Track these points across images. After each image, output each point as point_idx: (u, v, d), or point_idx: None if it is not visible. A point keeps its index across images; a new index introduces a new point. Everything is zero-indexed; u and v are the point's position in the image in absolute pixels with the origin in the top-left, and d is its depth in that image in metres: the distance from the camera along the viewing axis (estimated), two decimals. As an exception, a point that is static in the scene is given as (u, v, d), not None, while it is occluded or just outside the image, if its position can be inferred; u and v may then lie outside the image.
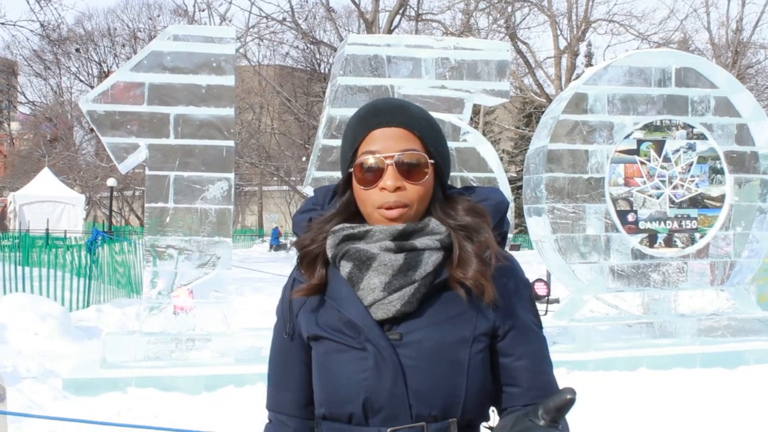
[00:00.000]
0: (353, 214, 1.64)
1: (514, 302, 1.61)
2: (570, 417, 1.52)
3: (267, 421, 1.77)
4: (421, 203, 1.59)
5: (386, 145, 1.56)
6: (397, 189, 1.54)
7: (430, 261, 1.55)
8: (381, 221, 1.57)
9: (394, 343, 1.53)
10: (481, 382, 1.56)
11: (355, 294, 1.57)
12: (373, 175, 1.56)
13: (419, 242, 1.56)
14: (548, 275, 12.59)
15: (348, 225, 1.61)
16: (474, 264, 1.54)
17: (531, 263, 19.20)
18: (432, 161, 1.59)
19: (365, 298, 1.55)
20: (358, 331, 1.55)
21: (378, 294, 1.54)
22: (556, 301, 11.88)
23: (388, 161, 1.55)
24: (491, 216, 1.63)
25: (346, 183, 1.63)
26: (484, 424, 1.62)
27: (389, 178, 1.54)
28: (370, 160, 1.56)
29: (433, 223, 1.59)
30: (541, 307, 10.01)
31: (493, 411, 1.65)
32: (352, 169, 1.60)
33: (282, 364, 1.73)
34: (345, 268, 1.58)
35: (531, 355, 1.60)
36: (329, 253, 1.61)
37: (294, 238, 1.82)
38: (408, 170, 1.55)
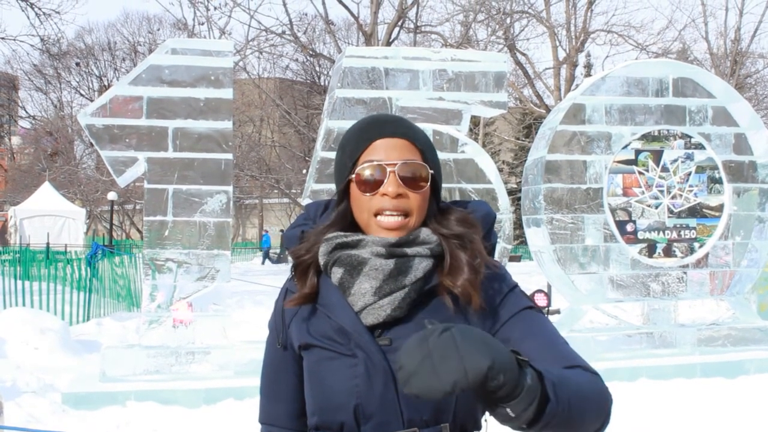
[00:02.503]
0: (349, 225, 1.65)
1: (505, 301, 1.61)
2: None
3: None
4: (420, 214, 1.61)
5: (389, 154, 1.59)
6: (399, 196, 1.56)
7: (420, 267, 1.57)
8: (378, 232, 1.58)
9: (384, 348, 1.54)
10: None
11: (345, 300, 1.58)
12: (375, 182, 1.58)
13: (410, 250, 1.58)
14: (548, 286, 12.59)
15: (341, 234, 1.62)
16: (465, 272, 1.56)
17: (531, 274, 19.22)
18: (432, 172, 1.62)
19: (356, 303, 1.56)
20: (348, 337, 1.56)
21: (368, 299, 1.55)
22: (557, 311, 11.88)
23: (390, 169, 1.57)
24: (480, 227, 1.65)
25: (343, 193, 1.64)
26: (475, 433, 1.62)
27: (391, 185, 1.56)
28: (373, 167, 1.58)
29: (424, 233, 1.60)
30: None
31: (486, 420, 1.65)
32: (351, 178, 1.61)
33: (274, 376, 1.74)
34: (336, 274, 1.59)
35: (535, 332, 1.55)
36: (321, 261, 1.62)
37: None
38: (409, 179, 1.58)
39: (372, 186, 1.58)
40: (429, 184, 1.61)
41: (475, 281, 1.55)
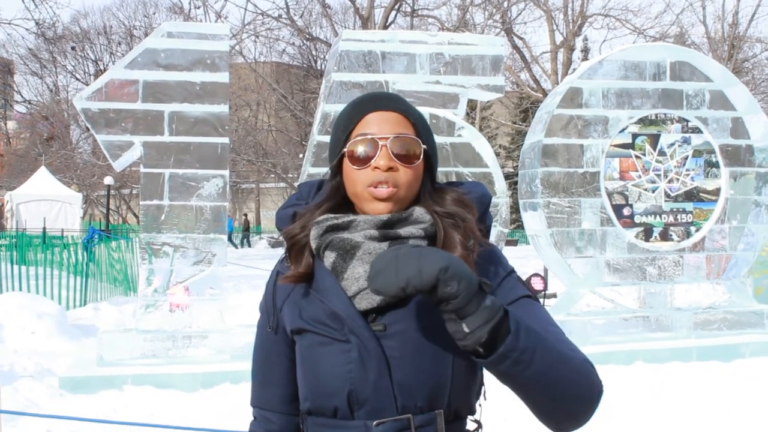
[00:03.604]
0: (342, 200, 1.64)
1: (503, 285, 1.59)
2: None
3: (252, 418, 1.77)
4: (410, 189, 1.59)
5: (381, 128, 1.57)
6: (390, 169, 1.54)
7: None
8: (370, 202, 1.57)
9: (378, 334, 1.52)
10: (467, 371, 1.55)
11: (338, 285, 1.56)
12: (367, 155, 1.56)
13: (403, 231, 1.56)
14: (545, 270, 12.60)
15: (332, 216, 1.61)
16: (458, 250, 1.54)
17: (528, 258, 19.25)
18: (425, 147, 1.60)
19: (349, 288, 1.54)
20: (342, 322, 1.54)
21: (362, 283, 1.52)
22: (553, 295, 11.91)
23: (382, 142, 1.55)
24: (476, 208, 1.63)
25: (336, 168, 1.63)
26: (470, 417, 1.62)
27: (382, 158, 1.54)
28: (365, 141, 1.56)
29: (417, 212, 1.59)
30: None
31: (480, 405, 1.65)
32: (345, 151, 1.59)
33: (266, 360, 1.73)
34: (329, 258, 1.57)
35: (530, 320, 1.50)
36: (313, 245, 1.60)
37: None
38: (401, 152, 1.56)
39: (364, 160, 1.56)
40: (422, 160, 1.59)
41: (469, 258, 1.53)
